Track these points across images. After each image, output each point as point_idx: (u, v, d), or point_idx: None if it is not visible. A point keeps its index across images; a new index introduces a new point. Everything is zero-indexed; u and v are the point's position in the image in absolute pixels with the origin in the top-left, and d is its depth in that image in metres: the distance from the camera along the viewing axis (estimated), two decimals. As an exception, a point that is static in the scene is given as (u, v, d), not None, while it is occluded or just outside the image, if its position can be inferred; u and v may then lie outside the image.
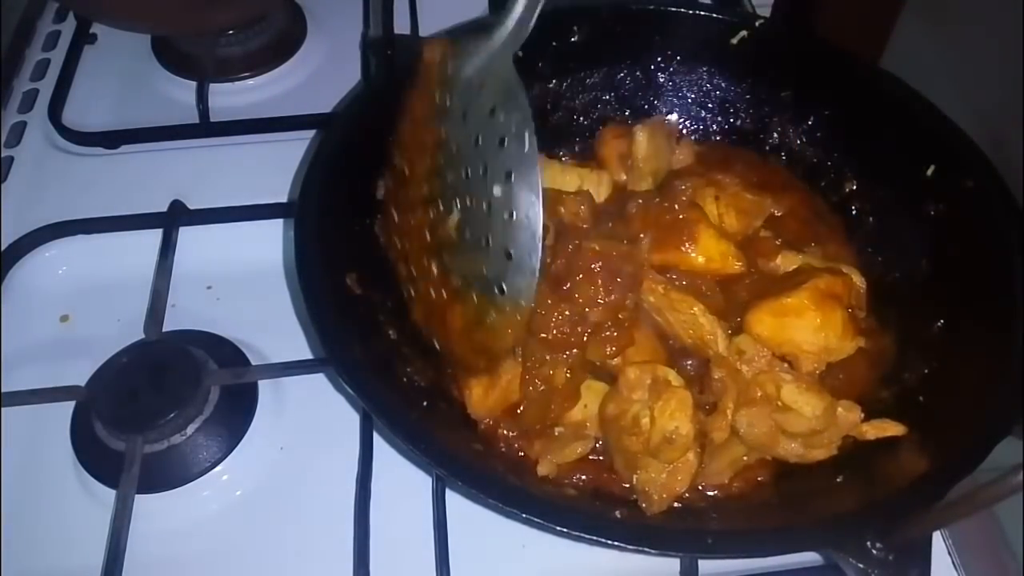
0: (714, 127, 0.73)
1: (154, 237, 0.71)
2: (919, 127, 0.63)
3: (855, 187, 0.67)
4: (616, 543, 0.45)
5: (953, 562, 0.57)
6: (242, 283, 0.70)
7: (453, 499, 0.57)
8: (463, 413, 0.57)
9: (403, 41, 0.68)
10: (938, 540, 0.58)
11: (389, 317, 0.59)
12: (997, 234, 0.56)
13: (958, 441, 0.49)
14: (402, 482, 0.59)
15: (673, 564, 0.55)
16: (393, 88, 0.59)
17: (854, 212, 0.67)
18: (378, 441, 0.60)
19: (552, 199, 0.59)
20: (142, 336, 0.65)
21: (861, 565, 0.43)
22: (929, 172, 0.61)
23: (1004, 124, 0.80)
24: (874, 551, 0.43)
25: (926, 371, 0.57)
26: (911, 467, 0.50)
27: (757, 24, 0.69)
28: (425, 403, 0.55)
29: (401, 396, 0.54)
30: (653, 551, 0.45)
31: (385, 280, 0.60)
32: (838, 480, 0.53)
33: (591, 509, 0.52)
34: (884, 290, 0.63)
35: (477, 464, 0.51)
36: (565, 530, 0.45)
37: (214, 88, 0.84)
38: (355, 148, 0.61)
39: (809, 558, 0.55)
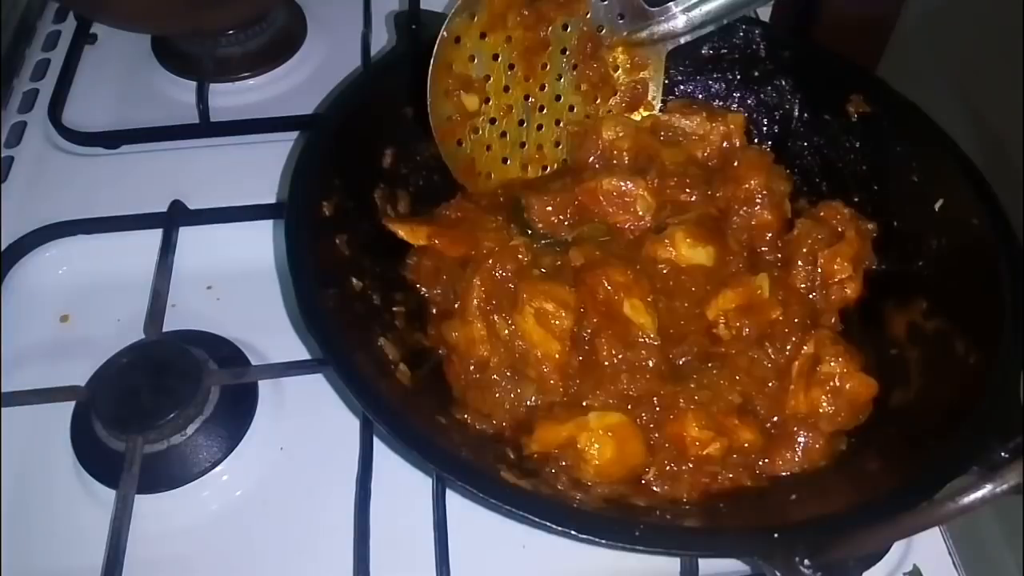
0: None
1: (154, 237, 0.71)
2: (933, 160, 0.63)
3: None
4: (543, 522, 0.45)
5: (953, 562, 0.57)
6: (242, 283, 0.70)
7: (453, 499, 0.57)
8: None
9: (430, 17, 0.68)
10: (938, 540, 0.58)
11: (375, 282, 0.60)
12: (992, 275, 0.56)
13: (910, 474, 0.49)
14: (402, 482, 0.59)
15: (673, 564, 0.55)
16: (413, 61, 0.61)
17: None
18: (378, 441, 0.60)
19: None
20: (142, 336, 0.65)
21: None
22: (937, 206, 0.61)
23: (1004, 124, 0.80)
24: (802, 567, 0.43)
25: (904, 404, 0.57)
26: (865, 493, 0.51)
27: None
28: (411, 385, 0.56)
29: (400, 395, 0.54)
30: (581, 536, 0.45)
31: (377, 246, 0.62)
32: (792, 498, 0.53)
33: (589, 509, 0.52)
34: (875, 316, 0.63)
35: (477, 464, 0.51)
36: (565, 530, 0.45)
37: (214, 88, 0.84)
38: (361, 122, 0.63)
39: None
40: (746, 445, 0.56)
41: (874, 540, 0.43)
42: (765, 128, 0.73)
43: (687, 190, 0.67)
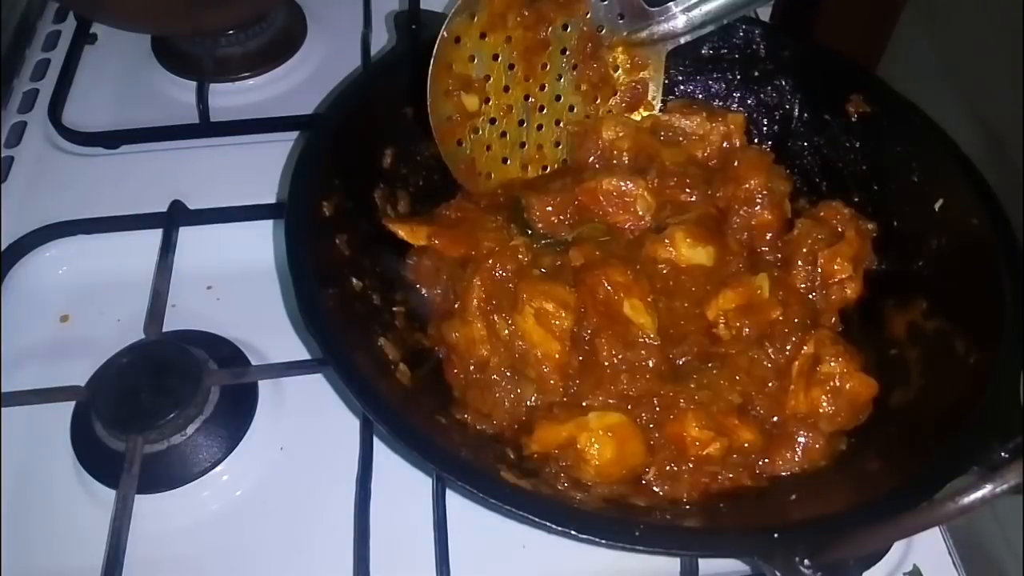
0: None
1: (154, 237, 0.71)
2: (933, 160, 0.63)
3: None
4: (543, 522, 0.45)
5: (953, 562, 0.57)
6: (242, 283, 0.70)
7: (453, 499, 0.57)
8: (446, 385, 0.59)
9: (430, 17, 0.68)
10: (938, 540, 0.58)
11: (375, 282, 0.60)
12: (992, 275, 0.56)
13: (910, 474, 0.49)
14: (402, 482, 0.59)
15: (673, 564, 0.55)
16: (413, 61, 0.61)
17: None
18: (378, 441, 0.60)
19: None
20: (142, 336, 0.65)
21: None
22: (937, 206, 0.61)
23: (1004, 124, 0.80)
24: (802, 567, 0.43)
25: (904, 404, 0.57)
26: (865, 493, 0.51)
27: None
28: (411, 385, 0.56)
29: (400, 395, 0.54)
30: (581, 536, 0.45)
31: (376, 246, 0.62)
32: (792, 498, 0.53)
33: (589, 509, 0.52)
34: (875, 316, 0.63)
35: (477, 464, 0.51)
36: (565, 530, 0.45)
37: (214, 88, 0.84)
38: (361, 122, 0.64)
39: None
40: (746, 445, 0.56)
41: (874, 540, 0.43)
42: (765, 128, 0.73)
43: (687, 190, 0.67)
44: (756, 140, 0.73)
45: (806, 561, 0.43)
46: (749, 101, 0.73)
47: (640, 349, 0.58)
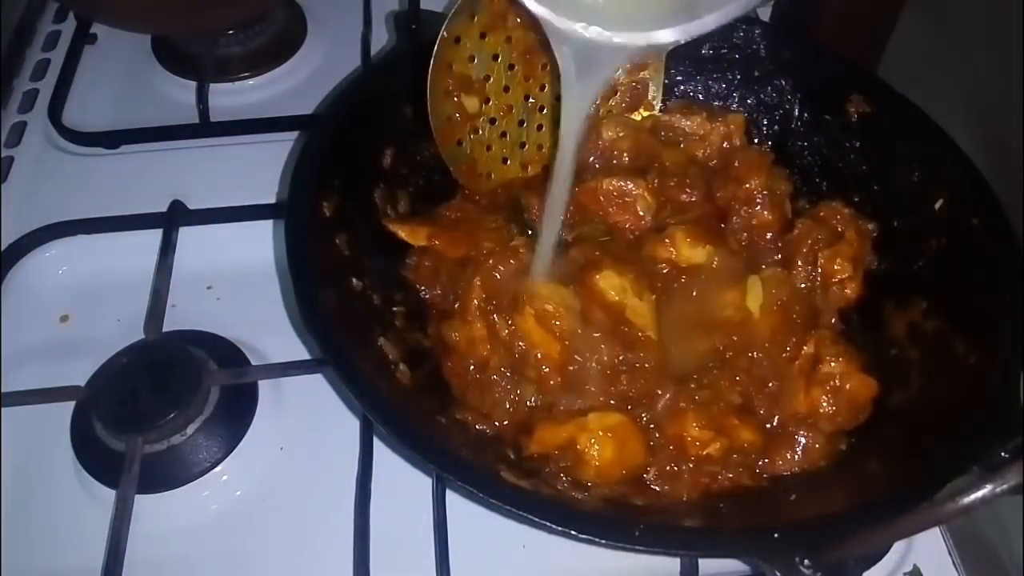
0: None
1: (154, 237, 0.71)
2: (933, 160, 0.63)
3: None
4: (543, 522, 0.45)
5: (953, 562, 0.57)
6: (242, 283, 0.70)
7: (453, 499, 0.57)
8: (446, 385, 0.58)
9: (430, 17, 0.68)
10: (938, 540, 0.58)
11: (375, 282, 0.60)
12: (992, 275, 0.56)
13: (910, 474, 0.50)
14: (402, 482, 0.59)
15: (673, 564, 0.55)
16: (413, 61, 0.61)
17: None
18: (378, 441, 0.60)
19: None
20: (142, 336, 0.65)
21: None
22: (937, 206, 0.61)
23: (1004, 124, 0.80)
24: (802, 567, 0.43)
25: (904, 403, 0.57)
26: (865, 493, 0.51)
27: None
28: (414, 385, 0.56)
29: (400, 395, 0.54)
30: (581, 536, 0.45)
31: (376, 246, 0.62)
32: (792, 498, 0.53)
33: (591, 509, 0.52)
34: (875, 316, 0.63)
35: (477, 464, 0.51)
36: (565, 530, 0.45)
37: (214, 88, 0.84)
38: (361, 122, 0.64)
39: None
40: (746, 445, 0.56)
41: (874, 540, 0.43)
42: (765, 128, 0.73)
43: (687, 190, 0.67)
44: (756, 140, 0.73)
45: (806, 561, 0.43)
46: (749, 101, 0.73)
47: (640, 349, 0.58)
